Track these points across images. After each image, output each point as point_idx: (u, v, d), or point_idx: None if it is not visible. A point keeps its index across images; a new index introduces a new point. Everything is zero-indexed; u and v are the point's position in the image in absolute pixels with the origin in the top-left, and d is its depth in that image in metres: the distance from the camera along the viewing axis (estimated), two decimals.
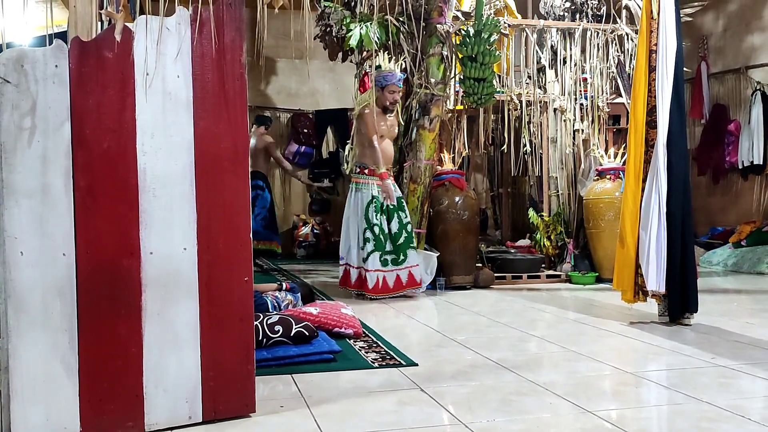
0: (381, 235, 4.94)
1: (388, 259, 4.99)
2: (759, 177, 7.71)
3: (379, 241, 4.93)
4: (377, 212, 4.96)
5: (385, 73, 5.10)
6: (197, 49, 2.12)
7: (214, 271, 2.17)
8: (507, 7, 6.63)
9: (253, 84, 9.05)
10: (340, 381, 2.74)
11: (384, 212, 5.01)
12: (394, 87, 5.09)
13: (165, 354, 2.10)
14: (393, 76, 5.09)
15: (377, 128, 5.04)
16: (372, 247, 4.93)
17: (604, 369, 2.91)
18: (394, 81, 5.08)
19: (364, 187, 5.05)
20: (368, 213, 4.97)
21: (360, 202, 5.03)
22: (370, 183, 5.04)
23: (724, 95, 8.16)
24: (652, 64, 3.85)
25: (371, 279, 4.90)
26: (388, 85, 5.07)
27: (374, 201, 4.97)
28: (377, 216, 4.95)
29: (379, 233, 4.94)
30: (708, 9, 7.44)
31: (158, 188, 2.08)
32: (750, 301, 5.14)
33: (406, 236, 5.04)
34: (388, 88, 5.08)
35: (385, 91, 5.09)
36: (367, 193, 5.01)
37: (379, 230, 4.94)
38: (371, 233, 4.94)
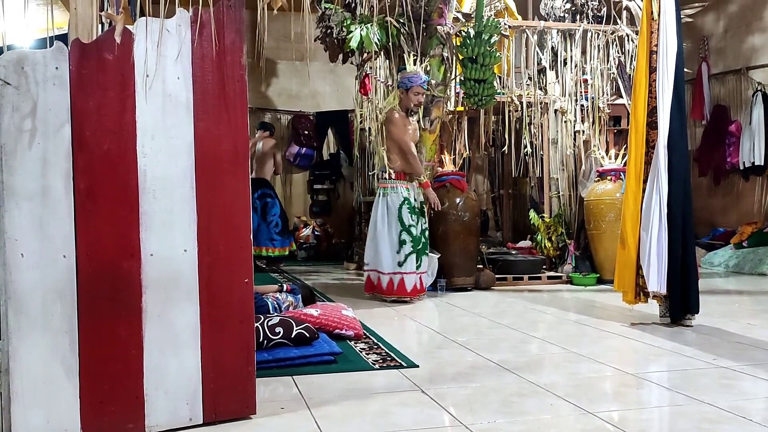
0: (423, 239, 4.92)
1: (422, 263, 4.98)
2: (760, 178, 7.70)
3: (417, 242, 4.88)
4: (412, 213, 4.89)
5: (410, 75, 4.99)
6: (197, 50, 2.12)
7: (214, 272, 2.17)
8: (507, 9, 6.63)
9: (254, 86, 9.06)
10: (341, 382, 2.74)
11: (416, 214, 4.94)
12: (418, 89, 4.97)
13: (165, 355, 2.10)
14: (418, 77, 4.97)
15: (407, 133, 4.96)
16: (410, 249, 4.86)
17: (605, 370, 2.90)
18: (420, 83, 4.96)
19: (393, 191, 4.93)
20: (402, 215, 4.87)
21: (391, 205, 4.91)
22: (399, 186, 4.94)
23: (725, 96, 8.15)
24: (652, 65, 3.85)
25: (409, 282, 4.85)
26: (413, 86, 4.95)
27: (406, 203, 4.88)
28: (412, 217, 4.88)
29: (420, 236, 4.90)
30: (708, 10, 7.45)
31: (158, 190, 2.08)
32: (751, 302, 5.13)
33: (424, 242, 4.99)
34: (413, 90, 4.96)
35: (409, 93, 4.96)
36: (397, 196, 4.90)
37: (420, 233, 4.90)
38: (408, 235, 4.86)
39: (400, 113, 4.98)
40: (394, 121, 4.96)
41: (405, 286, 4.84)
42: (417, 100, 4.99)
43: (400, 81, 5.04)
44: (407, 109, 5.01)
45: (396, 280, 4.86)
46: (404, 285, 4.84)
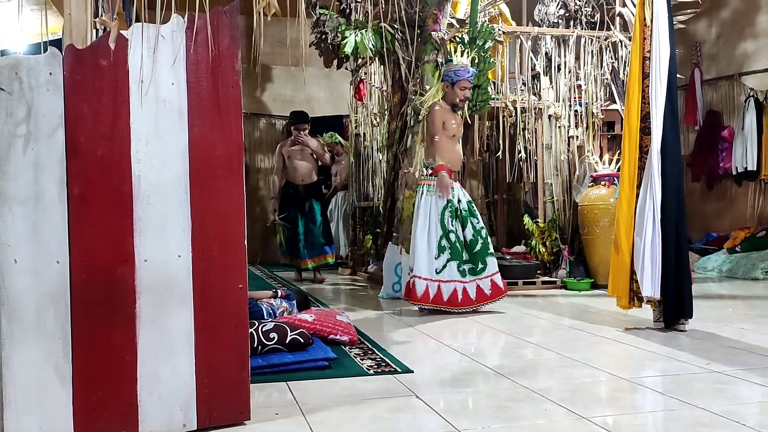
0: (457, 243, 4.56)
1: (466, 269, 4.58)
2: (753, 183, 7.74)
3: (456, 250, 4.54)
4: (452, 218, 4.58)
5: (457, 68, 4.69)
6: (192, 56, 2.13)
7: (208, 278, 2.17)
8: (501, 15, 6.66)
9: (249, 91, 9.07)
10: (336, 388, 2.73)
11: (458, 219, 4.62)
12: (465, 83, 4.66)
13: (159, 361, 2.10)
14: (465, 71, 4.67)
15: (448, 127, 4.68)
16: (448, 256, 4.53)
17: (600, 375, 2.91)
18: (466, 76, 4.66)
19: (433, 189, 4.63)
20: (444, 219, 4.56)
21: (434, 206, 4.59)
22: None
23: (718, 102, 8.20)
24: (645, 71, 3.87)
25: (447, 290, 4.50)
26: (460, 80, 4.64)
27: (449, 206, 4.58)
28: (453, 222, 4.57)
29: (455, 241, 4.55)
30: (701, 16, 7.49)
31: (153, 195, 2.08)
32: (745, 307, 5.15)
33: (482, 243, 4.63)
34: (459, 84, 4.65)
35: (455, 88, 4.66)
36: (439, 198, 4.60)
37: (455, 237, 4.55)
38: (447, 241, 4.55)
39: (443, 106, 4.71)
40: (433, 113, 4.69)
41: (442, 295, 4.48)
42: (463, 95, 4.69)
43: (445, 74, 4.75)
44: (452, 105, 4.72)
45: (433, 287, 4.51)
46: (441, 294, 4.49)
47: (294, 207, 6.64)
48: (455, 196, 4.62)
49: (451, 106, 4.72)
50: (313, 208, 6.67)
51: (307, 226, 6.63)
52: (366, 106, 7.83)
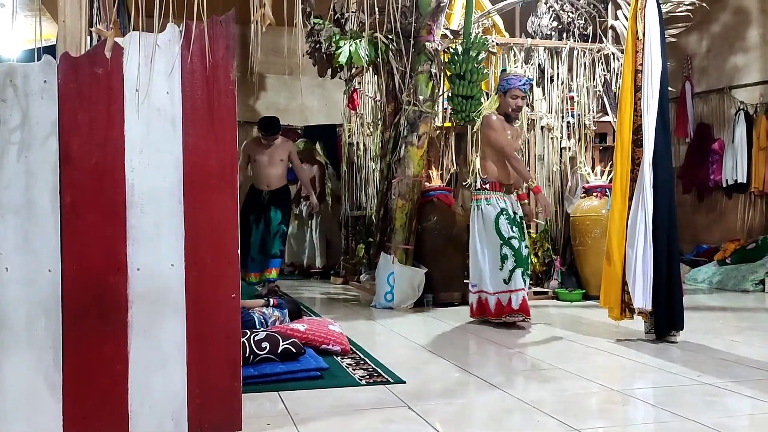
0: (525, 250, 4.45)
1: (527, 279, 4.52)
2: (743, 195, 7.80)
3: (520, 256, 4.39)
4: (512, 225, 4.42)
5: (509, 77, 4.58)
6: (187, 66, 2.13)
7: (201, 287, 2.16)
8: (495, 26, 6.70)
9: (243, 99, 9.07)
10: (327, 398, 2.72)
11: (518, 227, 4.49)
12: (516, 92, 4.48)
13: (151, 371, 2.08)
14: (517, 79, 4.52)
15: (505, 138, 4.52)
16: (513, 263, 4.37)
17: (592, 387, 2.91)
18: (518, 84, 4.48)
19: (487, 202, 4.48)
20: (499, 227, 4.40)
21: (487, 218, 4.46)
22: (494, 197, 4.49)
23: (709, 114, 8.26)
24: (638, 83, 3.90)
25: (517, 299, 4.35)
26: (511, 89, 4.48)
27: (504, 213, 4.42)
28: (513, 228, 4.41)
29: (520, 246, 4.40)
30: (692, 30, 7.56)
31: (146, 204, 2.08)
32: (735, 319, 5.17)
33: (526, 256, 4.52)
34: (511, 93, 4.48)
35: (507, 97, 4.50)
36: (493, 208, 4.45)
37: (519, 242, 4.41)
38: (509, 248, 4.37)
39: (498, 116, 4.56)
40: (492, 124, 4.51)
41: (512, 303, 4.35)
42: (515, 104, 4.51)
43: (499, 83, 4.64)
44: (505, 114, 4.56)
45: (504, 299, 4.40)
46: (512, 302, 4.35)
47: (253, 213, 5.95)
48: (510, 207, 4.51)
49: (504, 116, 4.55)
50: (270, 217, 5.95)
51: (261, 235, 5.94)
52: (360, 116, 7.85)
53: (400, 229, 5.54)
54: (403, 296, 5.39)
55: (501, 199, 4.48)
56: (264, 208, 5.95)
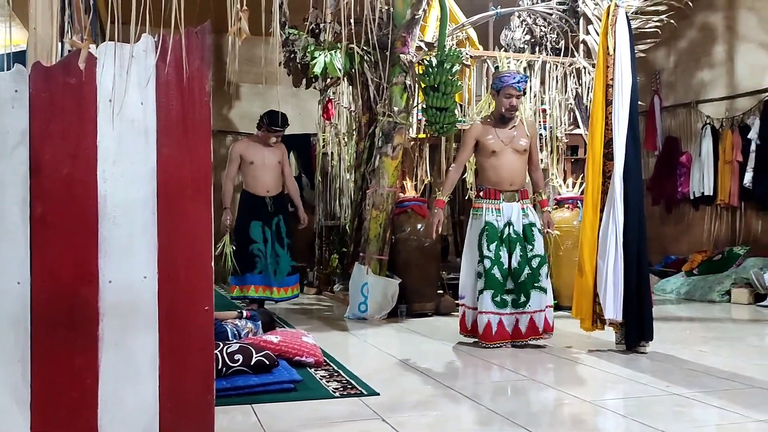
0: (497, 270, 4.06)
1: (507, 300, 4.09)
2: (709, 208, 7.96)
3: (492, 278, 4.04)
4: (491, 242, 4.07)
5: (502, 74, 4.22)
6: (162, 76, 2.11)
7: (174, 300, 2.14)
8: (469, 39, 6.77)
9: (217, 108, 9.02)
10: (301, 411, 2.71)
11: (505, 242, 4.12)
12: (511, 90, 4.13)
13: (122, 385, 2.05)
14: (510, 76, 4.17)
15: (484, 144, 4.22)
16: (482, 285, 4.08)
17: (564, 398, 2.94)
18: (512, 83, 4.13)
19: (479, 212, 4.22)
20: (481, 243, 4.12)
21: (473, 229, 4.23)
22: (485, 207, 4.18)
23: (677, 128, 8.44)
24: (609, 98, 3.97)
25: (481, 322, 4.07)
26: (504, 87, 4.14)
27: (487, 228, 4.11)
28: (490, 246, 4.07)
29: (492, 267, 4.05)
30: (660, 45, 7.72)
31: (119, 216, 2.05)
32: (702, 329, 5.27)
33: (530, 273, 4.09)
34: (504, 92, 4.14)
35: (501, 96, 4.17)
36: (480, 220, 4.18)
37: (492, 263, 4.05)
38: (482, 267, 4.09)
39: (482, 123, 4.29)
40: (467, 131, 4.30)
41: (478, 325, 4.11)
42: (509, 103, 4.15)
43: (492, 82, 4.32)
44: (500, 116, 4.23)
45: (464, 315, 4.28)
46: (477, 324, 4.13)
47: (260, 221, 5.43)
48: (503, 218, 4.15)
49: (499, 117, 4.24)
50: (281, 226, 5.52)
51: (274, 248, 5.45)
52: (334, 126, 7.86)
53: (374, 240, 5.55)
54: (377, 307, 5.39)
55: (494, 209, 4.16)
56: (270, 215, 5.49)
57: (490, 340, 4.03)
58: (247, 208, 5.52)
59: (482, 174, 4.32)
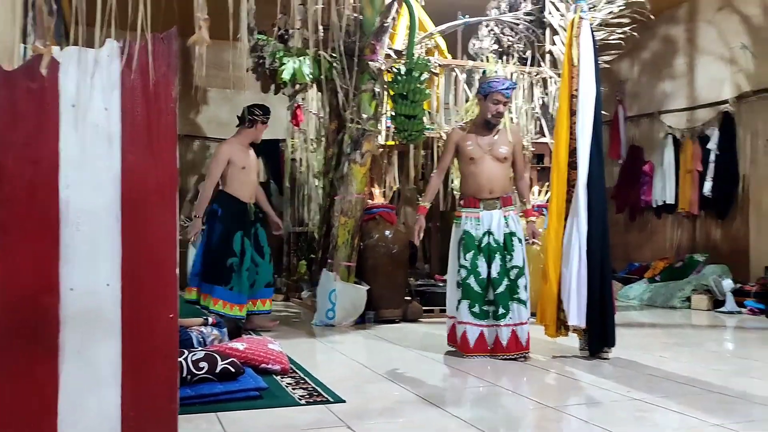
0: (473, 280, 3.97)
1: (488, 311, 4.00)
2: (671, 216, 8.15)
3: (468, 288, 3.96)
4: (468, 251, 3.99)
5: (490, 79, 4.14)
6: (127, 82, 2.09)
7: (138, 307, 2.11)
8: (437, 47, 6.82)
9: (183, 112, 8.93)
10: (266, 419, 2.70)
11: (484, 252, 4.02)
12: (499, 96, 4.03)
13: (83, 394, 2.02)
14: (500, 82, 4.08)
15: (463, 150, 4.13)
16: (460, 295, 4.02)
17: (528, 404, 2.98)
18: (500, 88, 4.03)
19: (459, 221, 4.15)
20: (459, 252, 4.06)
21: (454, 239, 4.17)
22: (464, 216, 4.11)
23: (640, 137, 8.62)
24: (573, 108, 4.05)
25: (459, 332, 4.01)
26: (492, 93, 4.03)
27: (464, 237, 4.04)
28: (467, 256, 3.99)
29: (468, 276, 3.97)
30: (625, 56, 7.89)
31: (82, 222, 2.02)
32: (663, 335, 5.38)
33: (508, 284, 3.97)
34: (492, 97, 4.03)
35: (488, 101, 4.06)
36: (460, 229, 4.11)
37: (468, 273, 3.97)
38: (459, 276, 4.03)
39: (463, 128, 4.20)
40: (449, 138, 4.25)
41: (457, 335, 4.05)
42: (496, 109, 4.04)
43: (480, 86, 4.20)
44: (485, 122, 4.11)
45: (453, 326, 4.14)
46: (454, 334, 4.08)
47: (242, 231, 4.95)
48: (482, 226, 4.05)
49: (484, 122, 4.13)
50: (259, 235, 5.15)
51: (252, 259, 5.04)
52: (303, 132, 7.84)
53: (342, 246, 5.54)
54: (345, 314, 5.39)
55: (473, 217, 4.06)
56: (251, 224, 5.09)
57: (467, 351, 3.96)
58: (231, 215, 4.97)
59: (463, 181, 4.24)
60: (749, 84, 7.20)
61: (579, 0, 4.14)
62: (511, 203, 4.14)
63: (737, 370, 3.77)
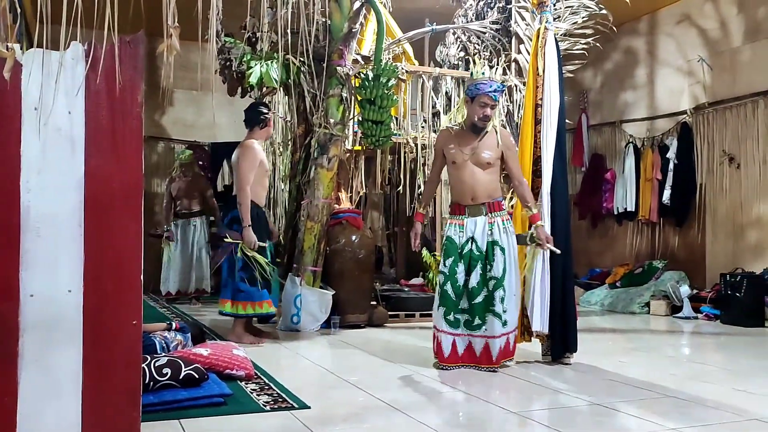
0: (450, 287, 3.84)
1: (460, 320, 3.87)
2: (631, 223, 8.33)
3: (445, 295, 3.85)
4: (448, 257, 3.88)
5: (478, 81, 3.93)
6: (91, 85, 2.07)
7: (100, 314, 2.09)
8: (405, 54, 6.87)
9: (149, 113, 8.81)
10: (230, 425, 2.68)
11: (465, 259, 3.87)
12: (486, 99, 3.87)
13: (43, 403, 1.99)
14: (487, 84, 3.90)
15: (447, 153, 4.01)
16: (438, 301, 3.91)
17: (492, 409, 3.01)
18: (487, 91, 3.87)
19: (445, 227, 4.07)
20: (442, 258, 3.97)
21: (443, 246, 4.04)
22: (449, 222, 4.01)
23: (602, 146, 8.79)
24: (538, 117, 4.12)
25: (435, 340, 3.91)
26: (479, 95, 3.88)
27: (446, 243, 3.93)
28: (446, 262, 3.87)
29: (445, 283, 3.86)
30: (588, 66, 8.04)
31: (43, 228, 1.99)
32: (623, 340, 5.49)
33: (486, 295, 3.83)
34: (479, 100, 3.88)
35: (474, 104, 3.91)
36: (445, 235, 4.01)
37: (446, 279, 3.85)
38: (438, 282, 3.97)
39: (448, 131, 4.09)
40: (436, 141, 4.15)
41: (441, 346, 3.88)
42: (483, 113, 3.89)
43: (467, 88, 4.05)
44: (472, 125, 3.96)
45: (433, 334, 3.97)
46: (440, 345, 3.89)
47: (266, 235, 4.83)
48: (465, 233, 3.89)
49: (471, 126, 3.96)
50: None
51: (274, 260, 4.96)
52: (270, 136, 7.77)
53: (308, 251, 5.53)
54: (310, 319, 5.37)
55: (457, 224, 3.93)
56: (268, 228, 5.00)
57: (443, 361, 3.85)
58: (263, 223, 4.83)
59: (450, 187, 4.12)
60: (706, 96, 7.40)
61: (544, 11, 4.23)
62: (498, 209, 3.93)
63: (692, 374, 3.88)
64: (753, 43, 6.95)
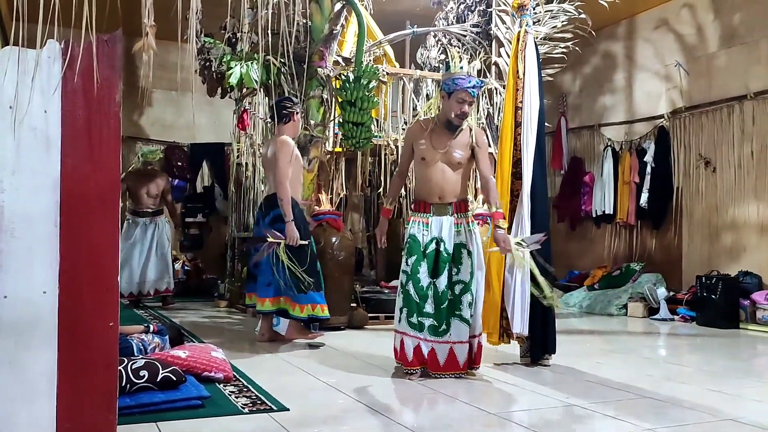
0: (412, 287, 3.65)
1: (425, 324, 3.65)
2: (609, 225, 8.41)
3: (407, 295, 3.66)
4: (410, 256, 3.68)
5: (455, 76, 3.72)
6: (68, 84, 2.04)
7: (76, 315, 2.06)
8: (386, 56, 6.87)
9: (127, 114, 8.72)
10: (208, 428, 2.66)
11: (428, 260, 3.68)
12: (463, 95, 3.66)
13: (15, 406, 1.95)
14: (466, 79, 3.69)
15: (416, 148, 3.80)
16: (401, 302, 3.72)
17: (471, 411, 3.02)
18: (465, 86, 3.66)
19: (408, 225, 3.85)
20: (405, 256, 3.76)
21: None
22: (413, 219, 3.80)
23: (581, 149, 8.88)
24: (518, 119, 4.14)
25: (396, 342, 3.75)
26: (457, 91, 3.66)
27: (409, 241, 3.72)
28: (409, 261, 3.68)
29: (407, 283, 3.67)
30: (567, 70, 8.10)
31: (18, 228, 1.96)
32: (601, 342, 5.54)
33: (452, 300, 3.65)
34: (456, 96, 3.67)
35: (451, 99, 3.69)
36: (408, 232, 3.80)
37: (408, 279, 3.67)
38: (400, 282, 3.76)
39: (420, 124, 3.88)
40: (406, 132, 3.93)
41: (404, 349, 3.70)
42: (460, 109, 3.68)
43: (443, 82, 3.80)
44: (447, 121, 3.74)
45: (396, 340, 3.78)
46: (403, 348, 3.70)
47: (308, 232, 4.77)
48: (431, 232, 3.71)
49: (446, 123, 3.75)
50: None
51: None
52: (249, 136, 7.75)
53: None
54: None
55: (422, 222, 3.73)
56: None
57: (406, 364, 3.69)
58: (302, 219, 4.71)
59: (416, 182, 3.91)
60: (683, 100, 7.50)
61: (524, 14, 4.26)
62: (465, 210, 3.79)
63: (668, 375, 3.92)
64: (728, 49, 7.06)
